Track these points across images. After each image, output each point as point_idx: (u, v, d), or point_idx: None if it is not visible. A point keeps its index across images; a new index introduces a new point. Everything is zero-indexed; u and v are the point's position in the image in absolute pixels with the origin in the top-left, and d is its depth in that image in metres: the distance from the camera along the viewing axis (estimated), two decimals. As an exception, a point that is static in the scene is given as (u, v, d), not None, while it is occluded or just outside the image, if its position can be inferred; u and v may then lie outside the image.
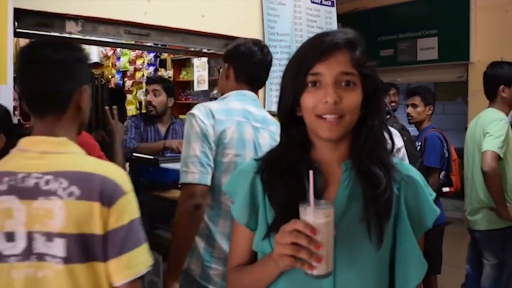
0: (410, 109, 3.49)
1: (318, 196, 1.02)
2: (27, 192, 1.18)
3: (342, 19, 4.99)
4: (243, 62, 1.94)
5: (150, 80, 3.75)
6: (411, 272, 1.06)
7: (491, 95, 2.94)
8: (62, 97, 1.29)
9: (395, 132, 2.53)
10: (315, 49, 1.03)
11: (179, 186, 1.85)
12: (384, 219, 1.02)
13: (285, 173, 1.07)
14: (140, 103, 6.25)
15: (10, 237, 1.18)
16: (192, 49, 3.51)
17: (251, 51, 1.93)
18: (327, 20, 3.79)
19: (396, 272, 1.07)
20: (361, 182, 1.05)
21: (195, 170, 1.73)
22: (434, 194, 1.12)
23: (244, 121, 1.86)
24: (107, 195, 1.18)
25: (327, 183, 1.08)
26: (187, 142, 1.78)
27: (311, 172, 0.96)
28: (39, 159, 1.22)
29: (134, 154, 3.21)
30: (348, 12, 5.78)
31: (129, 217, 1.22)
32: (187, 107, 6.63)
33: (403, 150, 2.58)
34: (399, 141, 2.50)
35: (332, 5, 3.88)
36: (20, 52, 1.33)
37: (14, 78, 2.34)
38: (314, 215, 0.91)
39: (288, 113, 1.08)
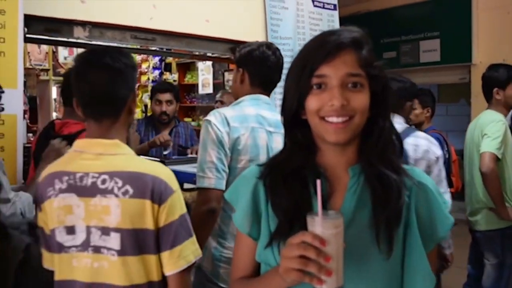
0: None
1: (324, 204, 0.95)
2: (85, 190, 1.31)
3: (344, 21, 5.02)
4: (257, 67, 1.98)
5: (162, 89, 3.67)
6: (417, 286, 0.98)
7: (488, 97, 2.99)
8: (119, 101, 1.40)
9: (433, 141, 2.49)
10: (319, 50, 0.97)
11: (187, 188, 1.90)
12: (394, 225, 0.96)
13: (288, 179, 1.01)
14: (145, 106, 6.31)
15: (70, 230, 1.32)
16: (197, 53, 3.57)
17: (265, 56, 1.97)
18: (329, 23, 3.85)
19: (404, 285, 1.00)
20: (371, 186, 0.99)
21: (211, 176, 1.81)
22: (447, 202, 1.06)
23: (258, 127, 1.91)
24: (157, 194, 1.30)
25: (333, 189, 1.01)
26: (203, 148, 1.85)
27: (318, 182, 0.90)
28: (95, 160, 1.33)
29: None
30: (350, 15, 5.83)
31: (179, 213, 1.34)
32: (191, 110, 6.70)
33: (441, 162, 2.48)
34: (437, 150, 2.47)
35: (334, 9, 3.94)
36: (79, 59, 1.44)
37: (25, 83, 2.41)
38: (323, 226, 0.85)
39: (292, 116, 1.02)
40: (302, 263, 0.84)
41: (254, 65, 1.98)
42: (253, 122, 1.91)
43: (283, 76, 1.18)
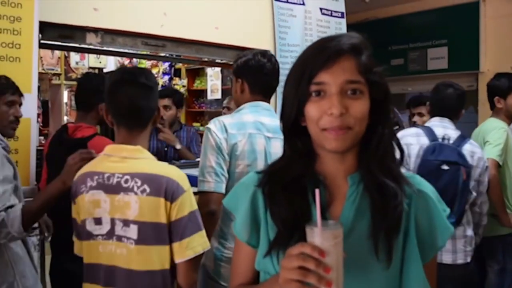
0: (416, 118, 3.59)
1: (323, 212, 0.94)
2: (111, 188, 1.54)
3: (353, 29, 5.01)
4: (255, 76, 2.05)
5: (161, 95, 3.76)
6: None
7: (492, 105, 3.03)
8: (147, 114, 1.65)
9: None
10: (318, 56, 0.95)
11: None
12: (393, 235, 0.94)
13: (288, 187, 0.99)
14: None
15: (98, 221, 1.56)
16: (206, 59, 3.62)
17: (261, 64, 2.05)
18: (337, 31, 3.89)
19: None
20: (370, 195, 0.97)
21: (210, 180, 1.92)
22: (448, 210, 1.04)
23: (256, 133, 1.99)
24: (169, 193, 1.51)
25: (333, 198, 1.00)
26: (204, 154, 1.96)
27: (317, 191, 0.89)
28: (120, 163, 1.57)
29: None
30: (359, 22, 5.86)
31: (188, 210, 1.55)
32: (200, 115, 6.76)
33: (488, 173, 2.55)
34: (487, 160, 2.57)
35: (342, 17, 3.98)
36: (117, 76, 1.68)
37: (38, 87, 2.47)
38: (322, 237, 0.84)
39: (292, 123, 1.00)
40: (302, 274, 0.82)
41: (251, 75, 2.06)
42: (251, 129, 1.98)
43: (282, 83, 1.21)
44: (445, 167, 2.37)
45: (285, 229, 0.96)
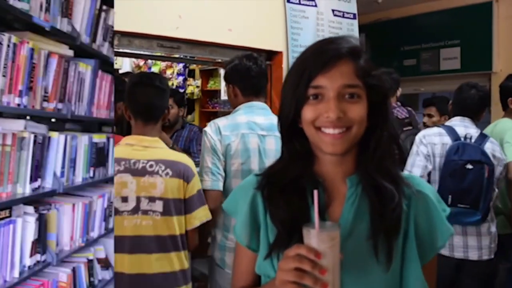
0: (425, 119, 3.61)
1: (322, 214, 0.96)
2: (137, 171, 1.91)
3: (365, 29, 5.06)
4: (244, 80, 2.21)
5: None
6: None
7: (504, 106, 3.04)
8: (161, 111, 2.02)
9: None
10: (316, 59, 0.95)
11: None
12: (393, 237, 0.94)
13: (286, 189, 1.00)
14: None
15: (124, 199, 1.90)
16: (220, 60, 3.69)
17: (247, 67, 2.20)
18: (349, 32, 3.92)
19: None
20: (368, 197, 0.97)
21: (207, 179, 2.12)
22: (448, 210, 1.04)
23: (248, 132, 2.13)
24: (186, 176, 1.94)
25: (331, 200, 1.00)
26: (202, 155, 2.16)
27: (315, 192, 0.89)
28: (143, 151, 1.94)
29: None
30: (371, 23, 5.88)
31: (197, 189, 1.98)
32: (214, 115, 6.82)
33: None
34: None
35: (354, 18, 4.01)
36: (135, 79, 2.05)
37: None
38: (319, 239, 0.84)
39: (289, 125, 1.01)
40: (298, 275, 0.83)
41: (240, 79, 2.21)
42: (244, 129, 2.12)
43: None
44: (469, 166, 2.41)
45: (285, 231, 0.96)
